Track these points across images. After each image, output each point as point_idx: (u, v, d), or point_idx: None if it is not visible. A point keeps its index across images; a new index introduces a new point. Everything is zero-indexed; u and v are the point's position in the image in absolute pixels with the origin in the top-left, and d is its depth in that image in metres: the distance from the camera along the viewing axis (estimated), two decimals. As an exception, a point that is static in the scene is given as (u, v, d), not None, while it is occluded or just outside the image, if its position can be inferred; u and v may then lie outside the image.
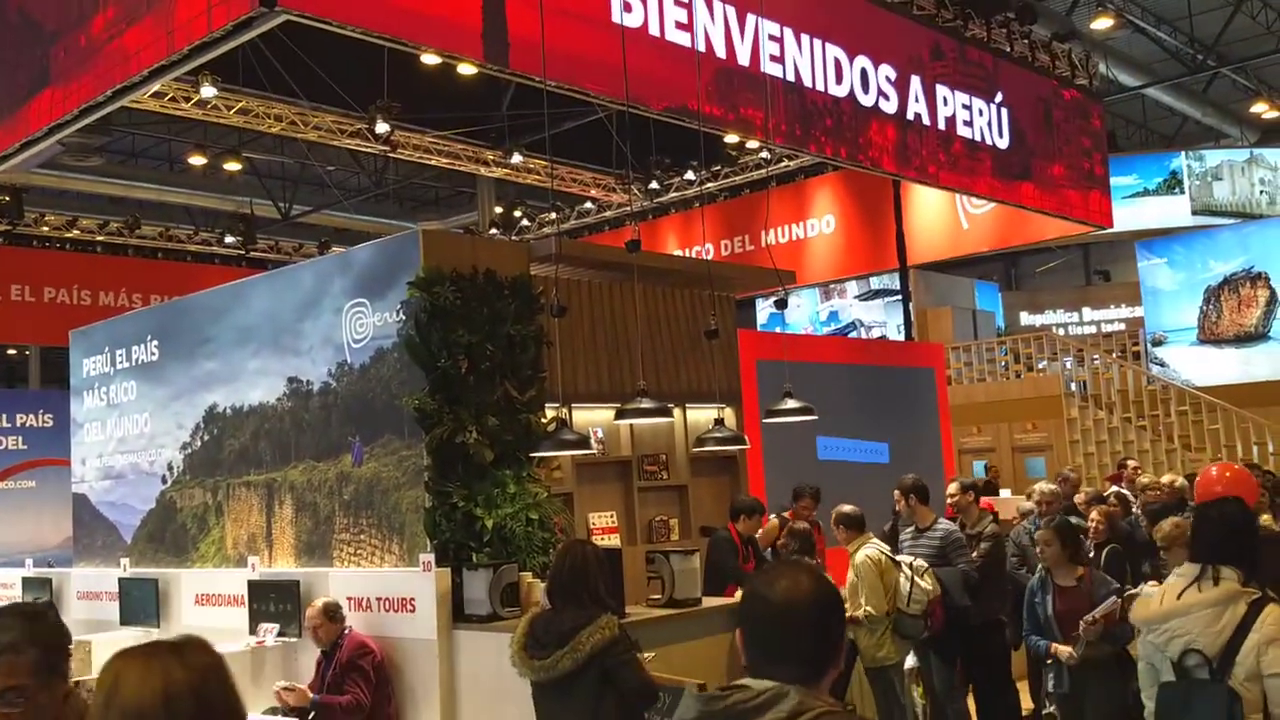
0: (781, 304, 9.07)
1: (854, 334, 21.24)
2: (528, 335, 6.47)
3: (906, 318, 16.22)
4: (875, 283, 20.88)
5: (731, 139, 14.15)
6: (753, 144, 14.30)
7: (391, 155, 14.80)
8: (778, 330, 19.70)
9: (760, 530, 7.51)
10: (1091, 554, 6.61)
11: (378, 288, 6.52)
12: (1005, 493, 11.81)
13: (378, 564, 6.44)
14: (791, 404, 7.51)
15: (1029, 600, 5.52)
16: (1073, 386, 15.34)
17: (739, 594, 6.43)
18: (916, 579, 6.15)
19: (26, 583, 8.65)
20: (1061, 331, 21.13)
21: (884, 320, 21.27)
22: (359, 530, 6.57)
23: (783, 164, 16.07)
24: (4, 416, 14.02)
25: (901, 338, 16.95)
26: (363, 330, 6.61)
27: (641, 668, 3.93)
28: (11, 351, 26.10)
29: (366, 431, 6.54)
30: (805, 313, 22.25)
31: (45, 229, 16.84)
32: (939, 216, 16.02)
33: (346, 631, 5.94)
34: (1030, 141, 10.97)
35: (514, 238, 16.76)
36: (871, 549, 6.25)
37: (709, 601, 6.14)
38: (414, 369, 6.19)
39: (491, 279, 6.42)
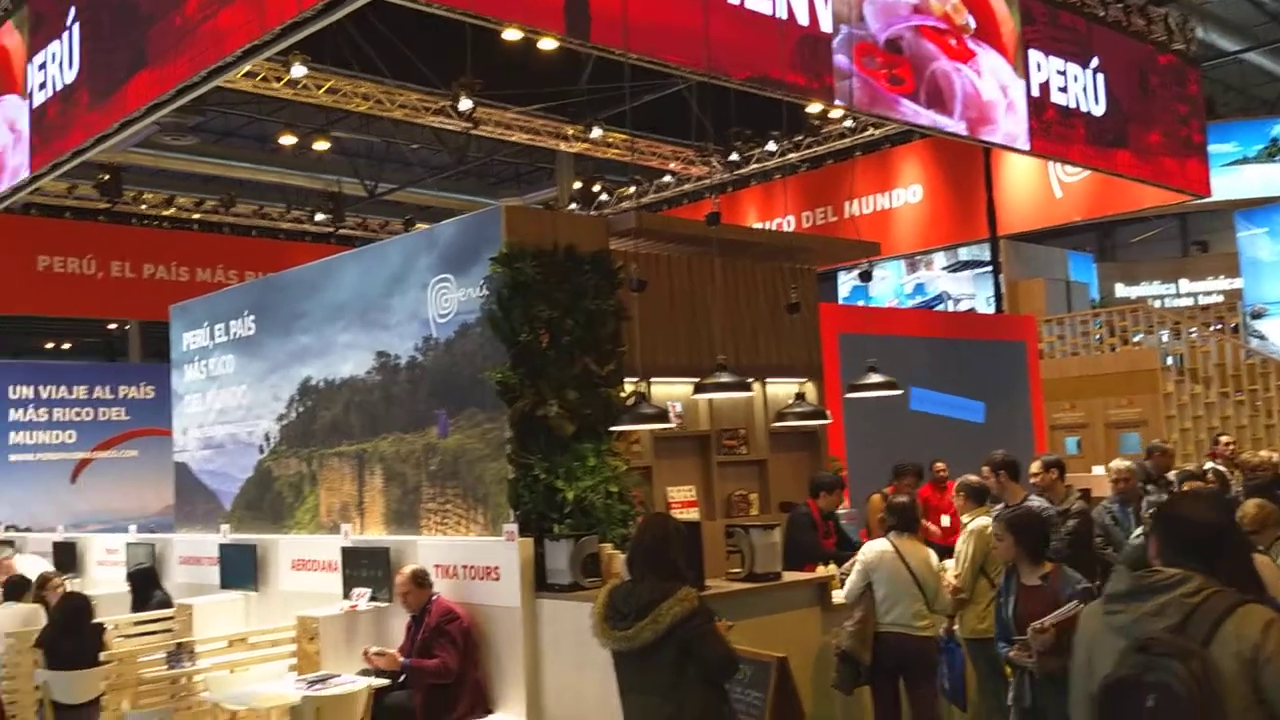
0: (866, 276, 8.96)
1: (941, 307, 20.84)
2: (607, 310, 6.52)
3: (997, 290, 15.86)
4: (964, 254, 20.43)
5: (814, 108, 13.97)
6: (836, 113, 14.09)
7: (473, 132, 14.95)
8: (861, 304, 19.46)
9: (840, 506, 7.47)
10: None
11: (462, 263, 6.64)
12: (1098, 469, 11.53)
13: (463, 533, 6.59)
14: (876, 378, 7.43)
15: (996, 600, 4.99)
16: (1169, 360, 14.85)
17: (819, 570, 6.43)
18: None
19: (130, 548, 9.04)
20: (1158, 304, 20.43)
21: (973, 293, 20.82)
22: (445, 500, 6.73)
23: (867, 133, 15.79)
24: (107, 389, 14.62)
25: (991, 310, 16.61)
26: (447, 305, 6.74)
27: (722, 640, 3.96)
28: (112, 326, 27.13)
29: (451, 404, 6.68)
30: (890, 285, 21.90)
31: (144, 207, 17.42)
32: (1031, 185, 15.59)
33: (434, 597, 6.10)
34: (1126, 108, 10.59)
35: (593, 213, 16.82)
36: (984, 521, 6.18)
37: (789, 576, 6.15)
38: (496, 343, 6.29)
39: (572, 254, 6.48)
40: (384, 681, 5.94)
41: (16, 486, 13.46)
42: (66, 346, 32.75)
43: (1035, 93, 9.61)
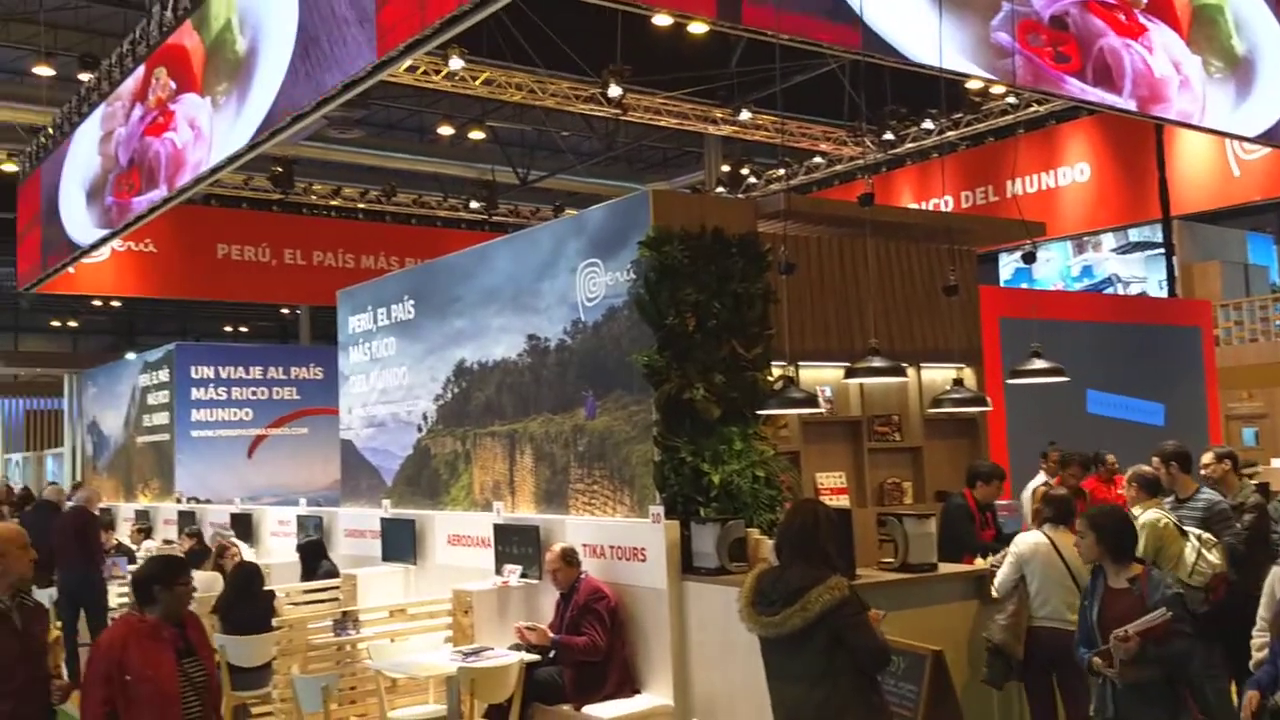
0: (1029, 258, 8.56)
1: (1110, 290, 19.83)
2: (755, 293, 6.46)
3: (1169, 273, 14.99)
4: (1134, 235, 19.37)
5: (974, 84, 13.46)
6: (998, 89, 13.55)
7: (622, 118, 15.07)
8: (1024, 286, 18.70)
9: (999, 497, 7.19)
10: None
11: (610, 248, 6.69)
12: (1278, 462, 10.76)
13: (610, 514, 6.66)
14: (1039, 364, 7.10)
15: (1081, 602, 4.64)
16: (1359, 348, 13.71)
17: (978, 563, 6.21)
18: (1204, 551, 5.74)
19: (301, 520, 9.53)
20: (1351, 287, 18.85)
21: (1144, 276, 19.74)
22: (592, 481, 6.82)
23: (1031, 109, 15.13)
24: (279, 369, 15.39)
25: (1164, 294, 15.71)
26: (596, 289, 6.81)
27: (873, 630, 3.87)
28: (285, 311, 28.65)
29: (599, 387, 6.76)
30: (1055, 268, 20.96)
31: (313, 197, 18.31)
32: (1206, 163, 14.63)
33: (582, 576, 6.19)
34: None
35: (741, 195, 16.70)
36: (1157, 514, 5.87)
37: (945, 568, 5.96)
38: (643, 326, 6.32)
39: (719, 237, 6.43)
40: (535, 656, 6.07)
41: (198, 461, 14.36)
42: (244, 330, 34.82)
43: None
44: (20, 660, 3.93)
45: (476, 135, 17.25)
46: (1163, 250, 15.94)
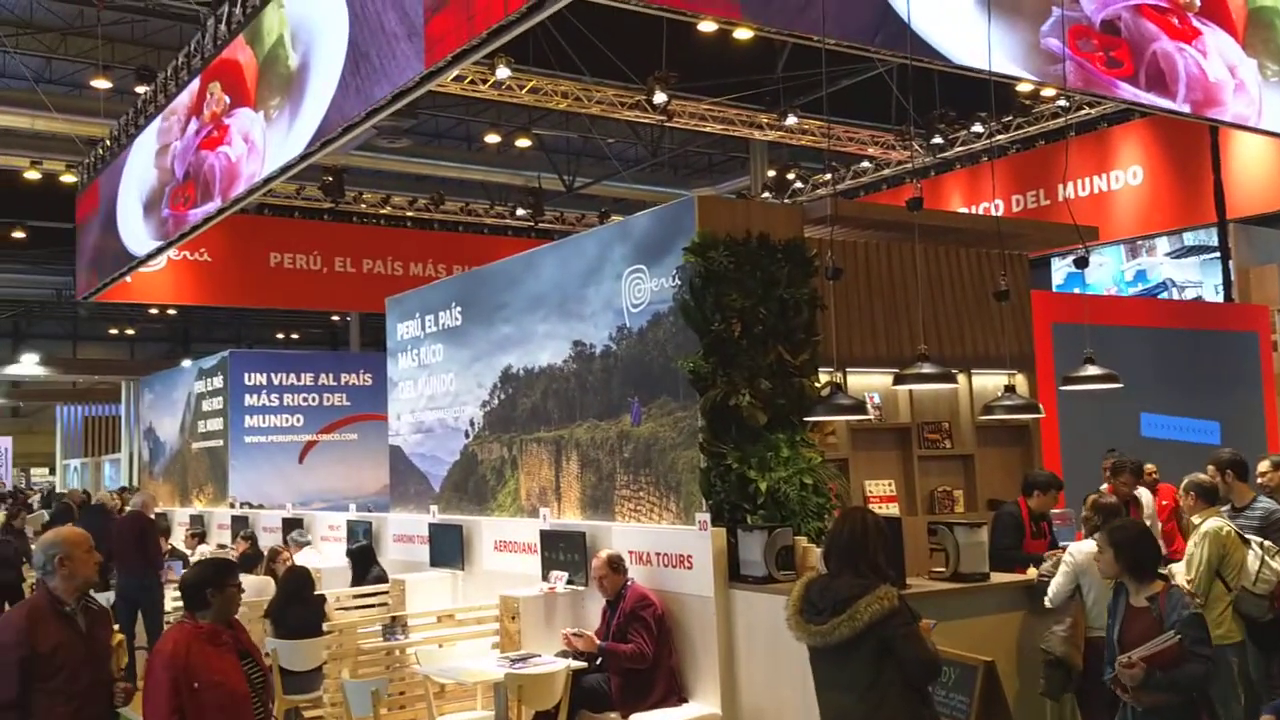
0: (1082, 263, 8.40)
1: (1165, 295, 19.45)
2: (801, 298, 6.42)
3: (1226, 277, 14.62)
4: (1189, 238, 18.96)
5: (1024, 87, 13.28)
6: (1048, 91, 13.36)
7: (668, 124, 15.08)
8: (1077, 291, 18.38)
9: (1056, 506, 7.06)
10: None
11: (655, 254, 6.69)
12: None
13: (656, 520, 6.65)
14: (1092, 371, 6.97)
15: (1108, 622, 4.45)
16: None
17: (1030, 572, 6.10)
18: (1268, 559, 5.62)
19: (351, 525, 9.63)
20: None
21: (1199, 280, 19.32)
22: (638, 487, 6.81)
23: (1082, 112, 14.88)
24: (329, 376, 15.58)
25: (1220, 299, 15.34)
26: (640, 295, 6.81)
27: (923, 641, 3.81)
28: (335, 318, 29.02)
29: (644, 393, 6.76)
30: (1109, 272, 20.59)
31: (363, 206, 18.54)
32: (1264, 164, 14.26)
33: (629, 583, 6.18)
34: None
35: (787, 201, 16.62)
36: (1219, 521, 5.76)
37: (998, 577, 5.87)
38: (689, 332, 6.31)
39: (765, 243, 6.41)
40: (582, 664, 6.07)
41: (251, 466, 14.58)
42: (295, 337, 35.33)
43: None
44: (85, 662, 3.98)
45: (523, 143, 17.36)
46: (1218, 254, 15.58)
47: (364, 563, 8.66)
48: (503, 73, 12.41)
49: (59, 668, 3.87)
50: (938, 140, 15.86)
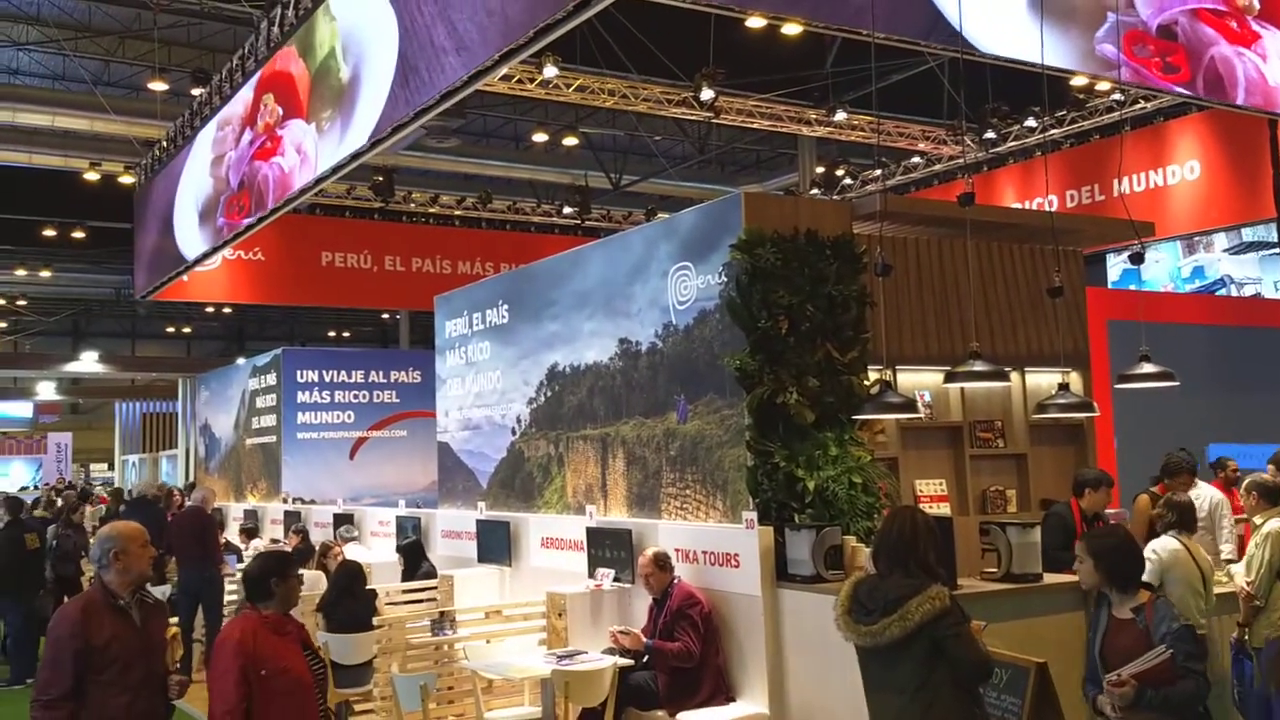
0: (1137, 259, 8.24)
1: (1222, 292, 19.01)
2: (850, 295, 6.35)
3: (1289, 272, 14.25)
4: (1248, 234, 18.55)
5: (1079, 81, 13.04)
6: (1103, 85, 13.10)
7: (715, 121, 15.02)
8: (1132, 288, 18.05)
9: (1107, 506, 6.92)
10: None
11: (701, 251, 6.67)
12: None
13: (702, 519, 6.63)
14: (1149, 369, 6.83)
15: (1087, 635, 4.20)
16: None
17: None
18: None
19: (400, 521, 9.72)
20: None
21: (1258, 276, 18.89)
22: (684, 485, 6.79)
23: (1138, 106, 14.59)
24: (379, 373, 15.75)
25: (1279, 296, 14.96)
26: (687, 292, 6.79)
27: (975, 643, 3.75)
28: (385, 316, 29.36)
29: (690, 390, 6.73)
30: (1165, 269, 20.21)
31: (412, 205, 18.72)
32: (1330, 156, 13.88)
33: (676, 581, 6.17)
34: None
35: (836, 197, 16.48)
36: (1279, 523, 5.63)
37: (1050, 578, 5.77)
38: (735, 330, 6.27)
39: (813, 239, 6.35)
40: (628, 661, 6.07)
41: (303, 462, 14.78)
42: (346, 335, 35.80)
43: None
44: (139, 655, 4.04)
45: (570, 141, 17.41)
46: (1278, 250, 15.20)
47: (414, 558, 8.74)
48: (550, 71, 12.45)
49: (113, 660, 3.93)
50: (990, 135, 15.64)
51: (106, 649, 3.93)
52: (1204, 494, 7.38)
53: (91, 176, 16.54)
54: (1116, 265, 19.79)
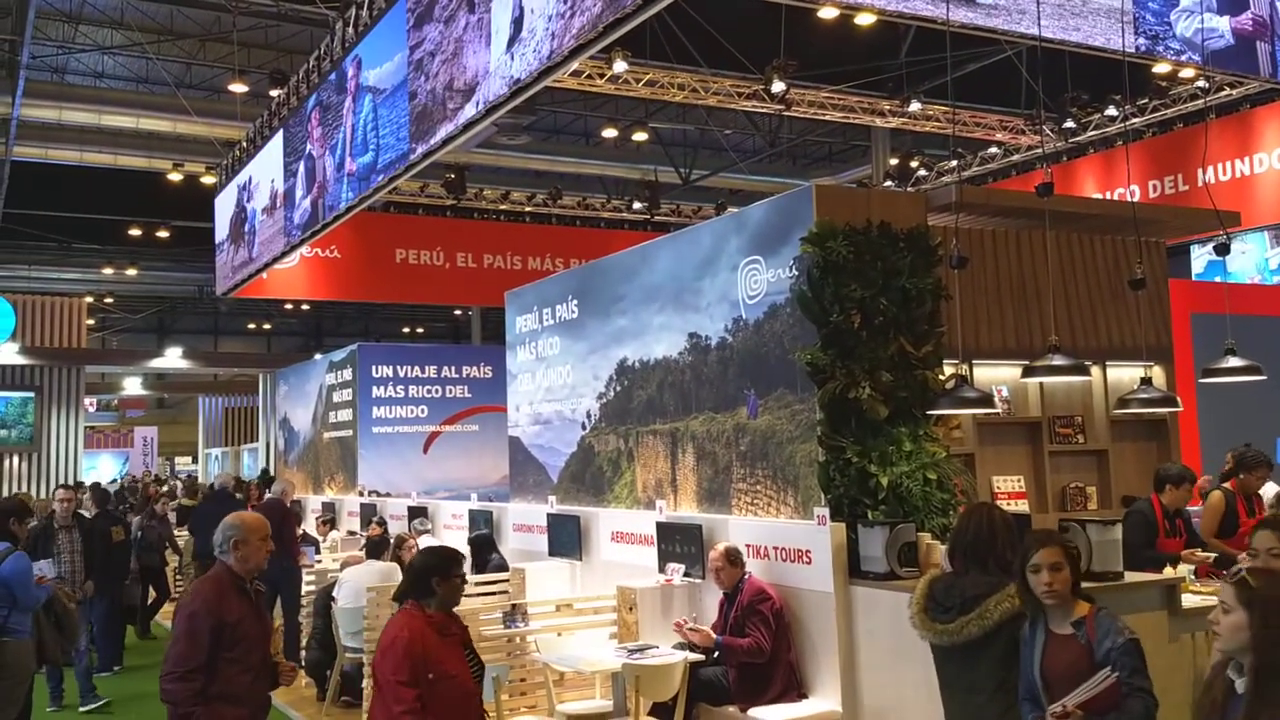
0: (1223, 250, 7.98)
1: (1314, 283, 18.29)
2: (924, 288, 6.24)
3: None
4: (1343, 223, 17.79)
5: (1161, 68, 12.66)
6: (1187, 72, 12.70)
7: (786, 114, 14.89)
8: (1217, 280, 17.48)
9: (1190, 502, 6.71)
10: None
11: (771, 244, 6.61)
12: None
13: (773, 514, 6.58)
14: (1234, 363, 6.61)
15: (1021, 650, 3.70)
16: None
17: (1167, 571, 5.83)
18: None
19: (472, 514, 9.82)
20: None
21: (1355, 267, 18.12)
22: (755, 480, 6.75)
23: (1224, 93, 14.11)
24: (452, 368, 15.93)
25: (1380, 286, 14.34)
26: (757, 286, 6.74)
27: (1052, 641, 3.67)
28: (457, 312, 29.70)
29: (761, 385, 6.69)
30: (1252, 260, 19.51)
31: (483, 202, 18.92)
32: None
33: (746, 576, 6.13)
34: None
35: (911, 189, 16.23)
36: None
37: (1132, 576, 5.61)
38: (806, 324, 6.21)
39: (886, 231, 6.26)
40: (699, 656, 6.05)
41: (378, 456, 15.02)
42: (419, 330, 36.34)
43: None
44: (260, 638, 4.11)
45: (640, 136, 17.41)
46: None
47: (485, 550, 8.82)
48: (620, 66, 12.46)
49: (240, 639, 3.99)
50: (1069, 124, 15.27)
51: (236, 627, 3.98)
52: (1269, 491, 7.06)
53: (175, 177, 17.03)
54: (1201, 257, 19.19)
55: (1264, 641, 2.62)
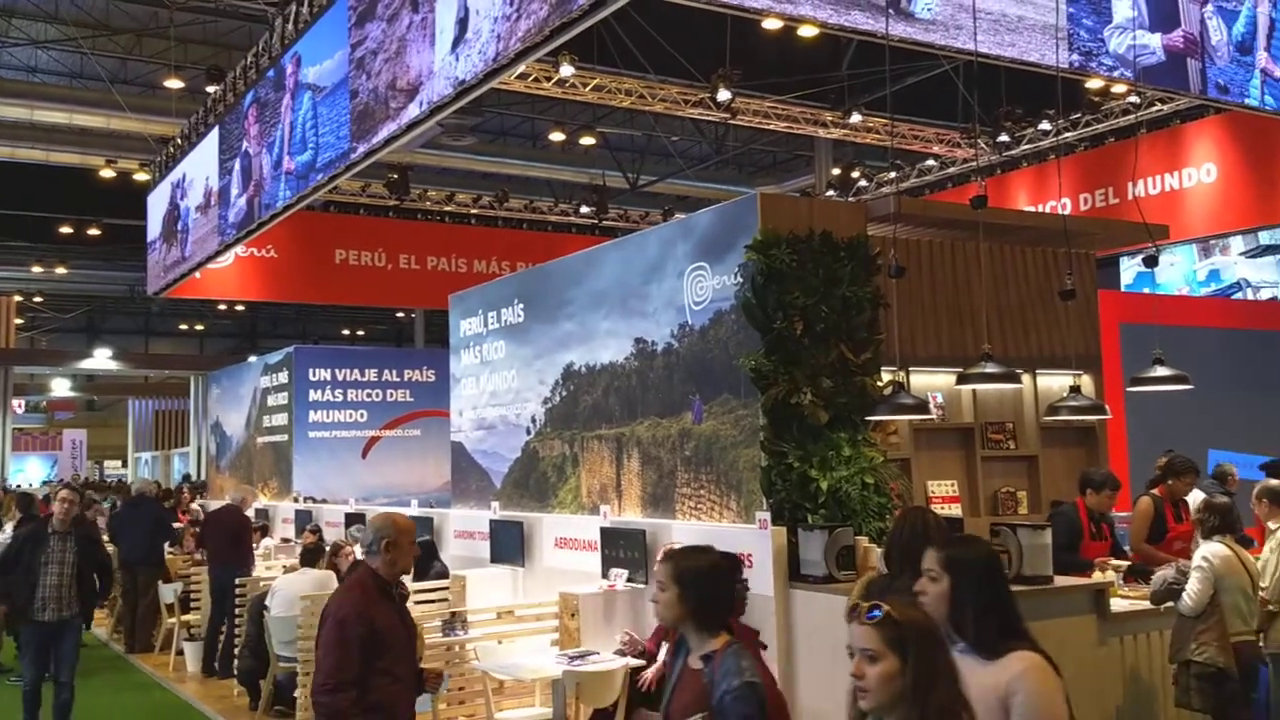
0: (1151, 262, 8.25)
1: (1239, 295, 18.93)
2: (864, 297, 6.36)
3: (1305, 277, 14.18)
4: (1265, 238, 18.46)
5: (1094, 84, 13.01)
6: (1119, 88, 13.07)
7: (731, 122, 15.05)
8: (1146, 291, 18.00)
9: (1114, 507, 6.89)
10: None
11: (717, 251, 6.68)
12: None
13: (716, 519, 6.64)
14: (1162, 372, 6.82)
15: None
16: None
17: (1095, 576, 5.99)
18: None
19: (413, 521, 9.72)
20: None
21: (1275, 280, 18.78)
22: (699, 485, 6.80)
23: (1154, 109, 14.55)
24: (393, 372, 15.74)
25: (1298, 299, 14.89)
26: (703, 293, 6.80)
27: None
28: (400, 314, 29.43)
29: (706, 390, 6.75)
30: (1180, 272, 20.12)
31: (428, 204, 18.78)
32: (1348, 160, 13.81)
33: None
34: None
35: (851, 199, 16.48)
36: None
37: (1062, 580, 5.77)
38: (751, 330, 6.29)
39: (827, 240, 6.36)
40: (640, 662, 6.06)
41: (314, 461, 14.79)
42: (360, 333, 35.92)
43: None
44: (407, 645, 3.93)
45: (587, 140, 17.45)
46: (1298, 253, 15.13)
47: (426, 558, 8.74)
48: (566, 70, 12.49)
49: (388, 647, 3.77)
50: (1004, 138, 15.62)
51: (385, 635, 3.77)
52: (1195, 497, 7.30)
53: (107, 174, 16.65)
54: (1131, 268, 19.73)
55: (924, 684, 2.18)
